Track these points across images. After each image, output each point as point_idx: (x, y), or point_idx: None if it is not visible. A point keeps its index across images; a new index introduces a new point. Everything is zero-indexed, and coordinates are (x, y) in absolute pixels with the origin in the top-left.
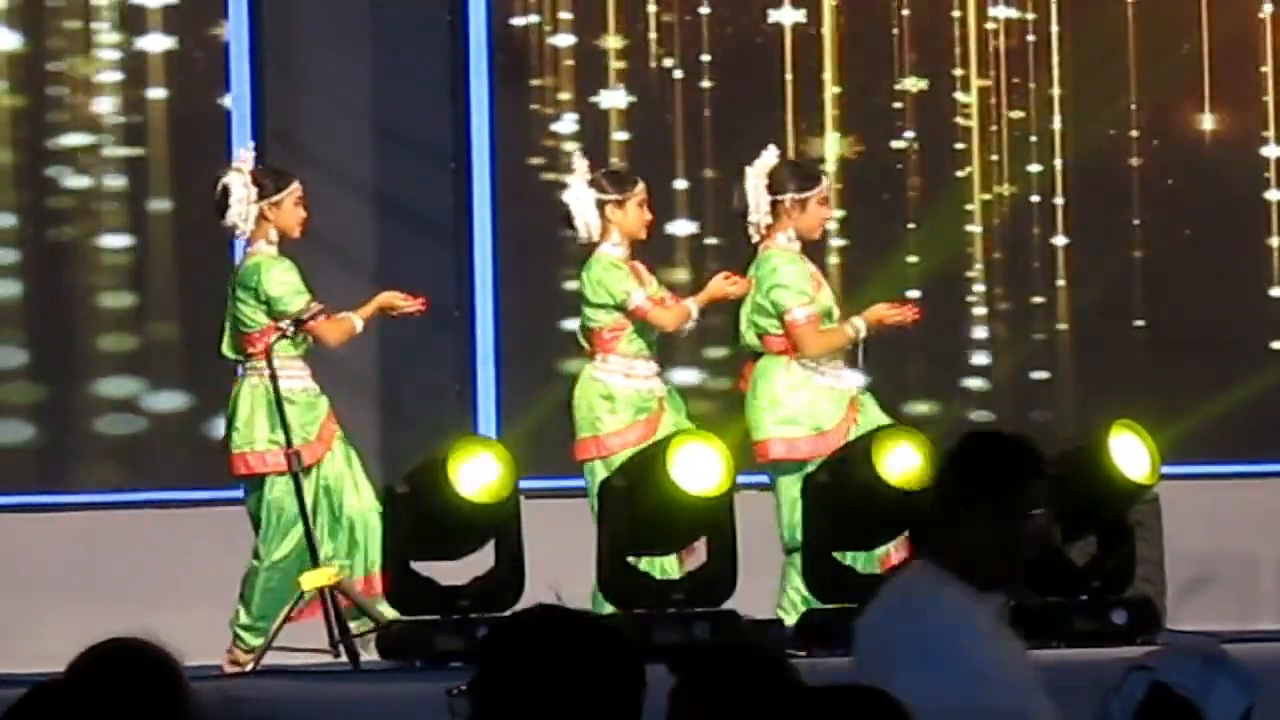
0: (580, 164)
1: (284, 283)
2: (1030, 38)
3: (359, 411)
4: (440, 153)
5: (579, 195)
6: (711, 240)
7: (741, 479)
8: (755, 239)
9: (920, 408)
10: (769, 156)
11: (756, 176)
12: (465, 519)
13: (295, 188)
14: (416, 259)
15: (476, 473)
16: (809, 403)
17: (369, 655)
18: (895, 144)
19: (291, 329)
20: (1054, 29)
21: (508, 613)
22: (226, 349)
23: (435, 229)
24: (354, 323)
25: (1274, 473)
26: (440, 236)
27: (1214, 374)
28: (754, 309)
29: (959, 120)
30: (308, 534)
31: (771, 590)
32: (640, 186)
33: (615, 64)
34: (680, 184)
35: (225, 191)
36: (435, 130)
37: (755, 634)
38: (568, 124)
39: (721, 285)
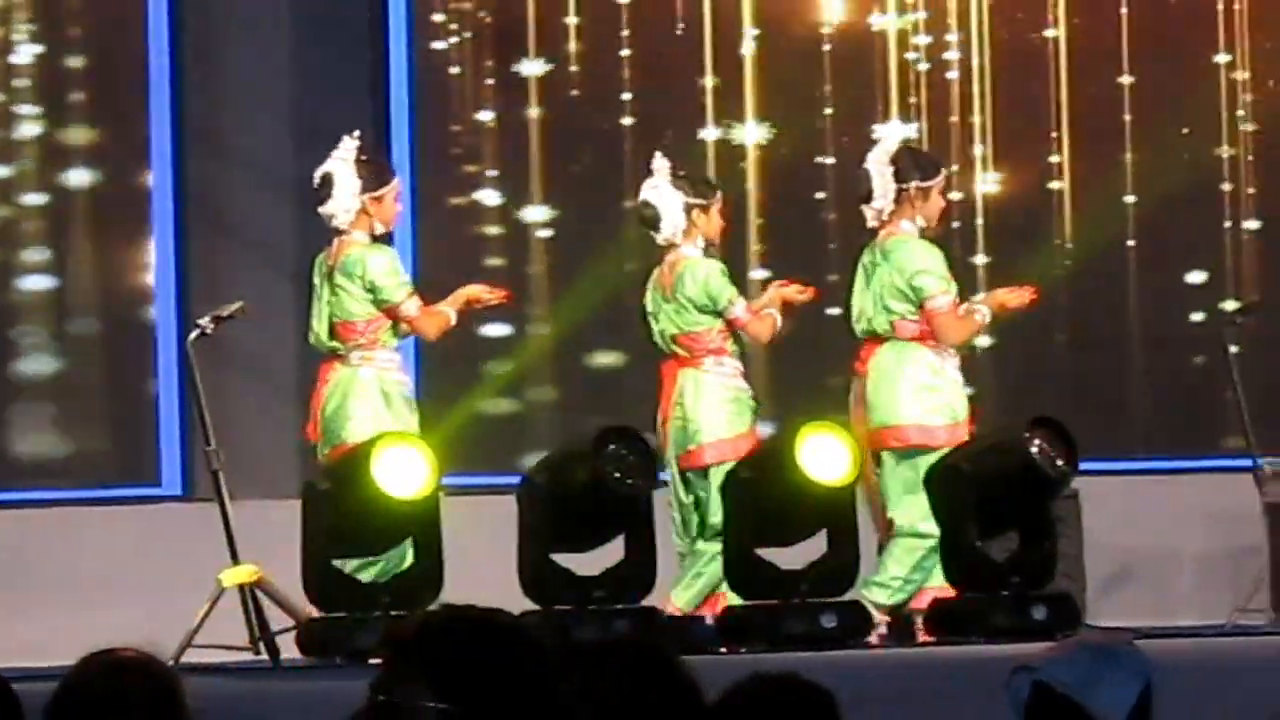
0: (662, 164)
1: (390, 272)
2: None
3: (280, 408)
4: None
5: (665, 196)
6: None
7: None
8: (874, 224)
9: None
10: (890, 142)
11: (880, 163)
12: (386, 516)
13: (396, 182)
14: None
15: (398, 469)
16: (948, 391)
17: (290, 652)
18: (820, 159)
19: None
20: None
21: (412, 613)
22: (324, 337)
23: None
24: (449, 316)
25: (1193, 469)
26: None
27: (1135, 371)
28: (888, 293)
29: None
30: (228, 533)
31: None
32: (719, 193)
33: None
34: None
35: (328, 181)
36: (355, 126)
37: (675, 630)
38: (487, 117)
39: (790, 294)
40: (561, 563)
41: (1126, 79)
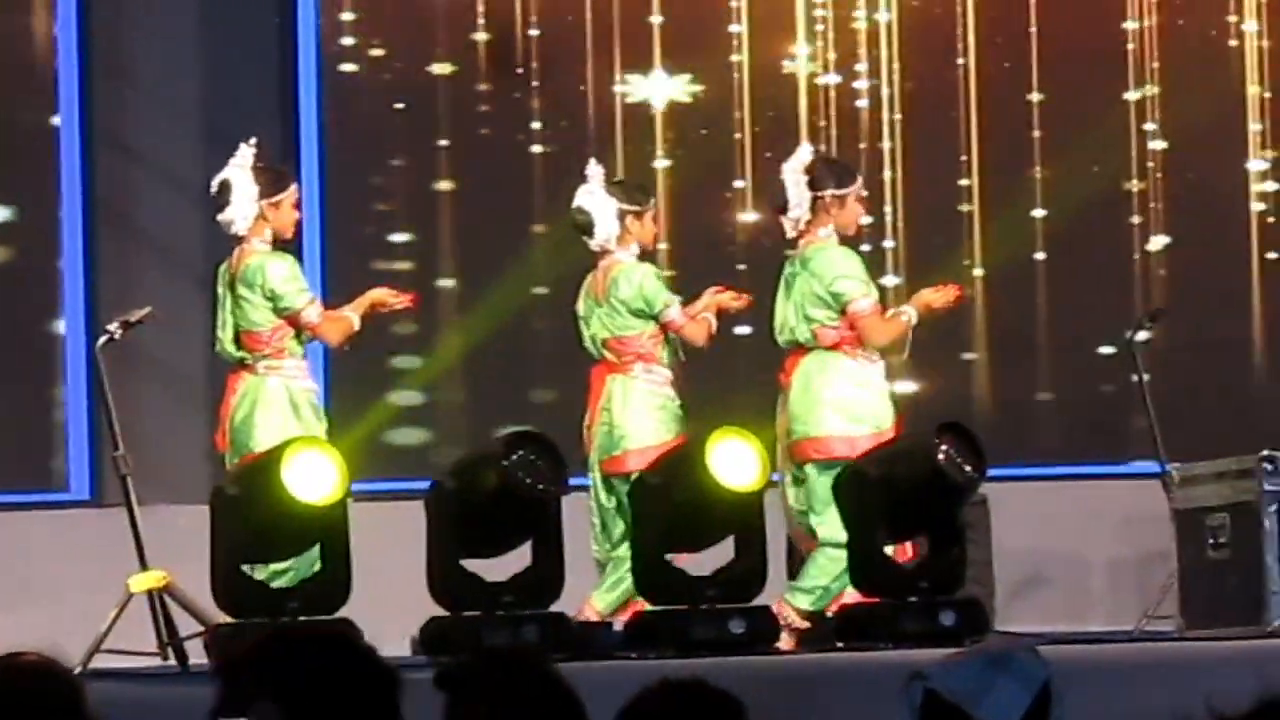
0: (596, 170)
1: (289, 279)
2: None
3: (188, 414)
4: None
5: (600, 202)
6: None
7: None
8: (791, 234)
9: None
10: (804, 153)
11: (795, 173)
12: (295, 521)
13: (294, 189)
14: None
15: (308, 475)
16: (872, 400)
17: (198, 658)
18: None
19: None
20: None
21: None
22: (229, 347)
23: None
24: (352, 320)
25: (1101, 475)
26: None
27: (1044, 377)
28: (809, 301)
29: None
30: (136, 538)
31: (587, 591)
32: (653, 199)
33: (439, 69)
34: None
35: (226, 187)
36: (264, 132)
37: (584, 636)
38: (396, 121)
39: (725, 300)
40: (471, 568)
41: (1036, 96)
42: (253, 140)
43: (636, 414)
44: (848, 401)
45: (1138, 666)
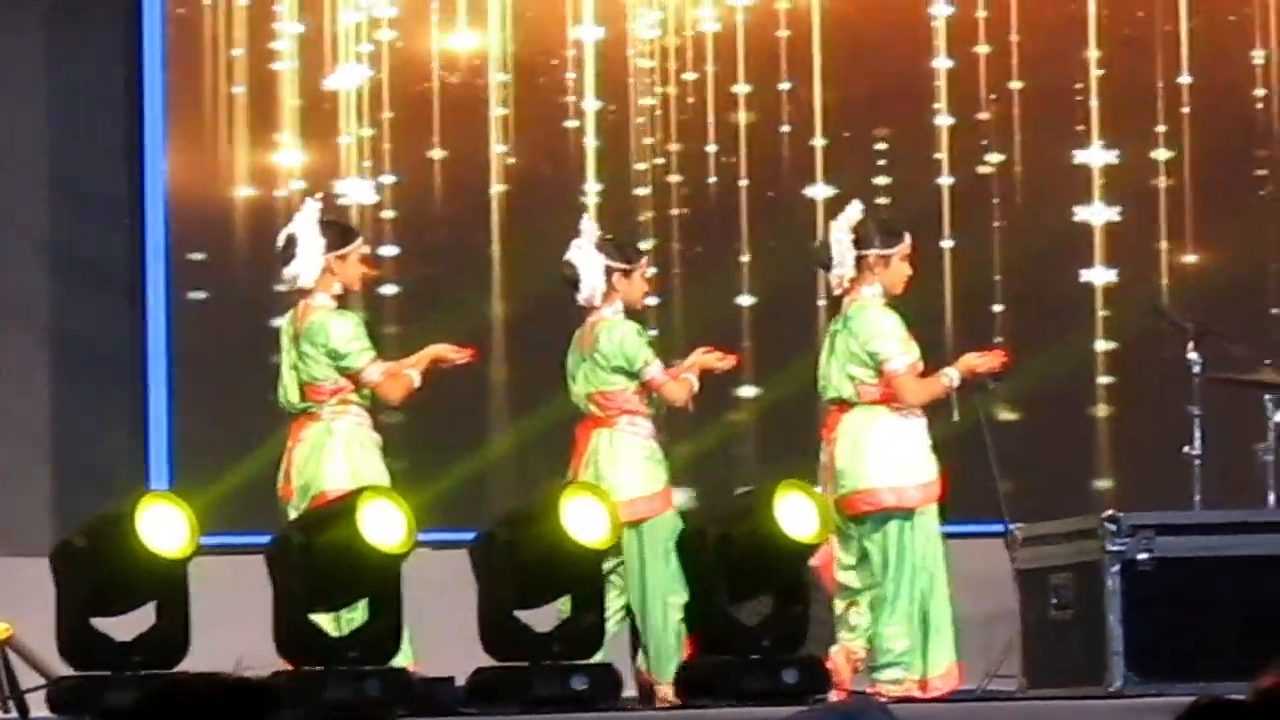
0: (588, 225)
1: (352, 338)
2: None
3: (33, 464)
4: (116, 205)
5: (589, 259)
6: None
7: None
8: (836, 292)
9: None
10: (854, 211)
11: (841, 231)
12: (145, 574)
13: (360, 242)
14: (91, 312)
15: (159, 528)
16: (917, 454)
17: (40, 710)
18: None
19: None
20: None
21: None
22: (292, 397)
23: (110, 280)
24: (413, 379)
25: (945, 534)
26: (115, 290)
27: None
28: (849, 359)
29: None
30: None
31: (438, 644)
32: (646, 258)
33: (289, 100)
34: None
35: (291, 241)
36: (111, 183)
37: (425, 691)
38: (245, 175)
39: (710, 361)
40: (318, 622)
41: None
42: (318, 195)
43: (624, 465)
44: (894, 454)
45: None
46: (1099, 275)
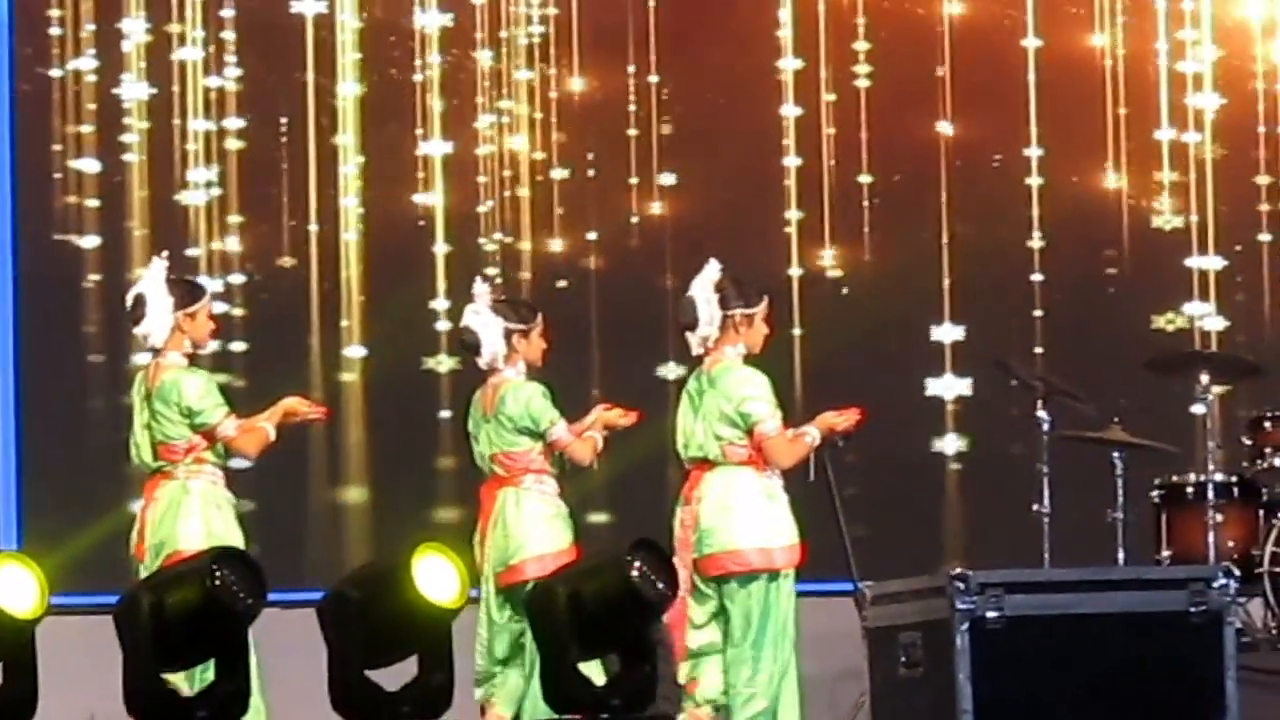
0: (482, 289)
1: (204, 395)
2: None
3: None
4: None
5: (487, 323)
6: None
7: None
8: (698, 351)
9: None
10: (712, 270)
11: (705, 290)
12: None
13: (208, 299)
14: None
15: (10, 588)
16: (781, 515)
17: None
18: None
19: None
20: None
21: None
22: (145, 456)
23: None
24: (268, 431)
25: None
26: None
27: None
28: (717, 420)
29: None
30: None
31: (288, 704)
32: (540, 316)
33: (139, 123)
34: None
35: (140, 301)
36: None
37: None
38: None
39: (612, 418)
40: (171, 681)
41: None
42: (164, 253)
43: (531, 522)
44: (761, 516)
45: None
46: (947, 333)
